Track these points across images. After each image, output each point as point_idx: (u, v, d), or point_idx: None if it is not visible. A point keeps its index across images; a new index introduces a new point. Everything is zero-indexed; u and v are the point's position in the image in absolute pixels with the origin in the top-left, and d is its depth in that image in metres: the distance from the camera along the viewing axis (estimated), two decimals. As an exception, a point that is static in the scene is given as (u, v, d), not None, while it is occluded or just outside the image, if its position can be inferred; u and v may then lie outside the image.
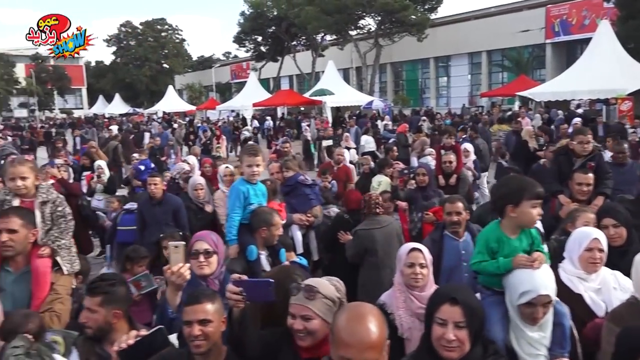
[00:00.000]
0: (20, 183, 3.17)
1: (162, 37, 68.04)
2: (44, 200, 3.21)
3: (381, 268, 4.84)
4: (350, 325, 1.73)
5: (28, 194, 3.21)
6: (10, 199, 3.21)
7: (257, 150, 4.01)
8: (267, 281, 2.25)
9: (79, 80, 72.06)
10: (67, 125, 42.23)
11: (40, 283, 3.00)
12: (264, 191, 4.06)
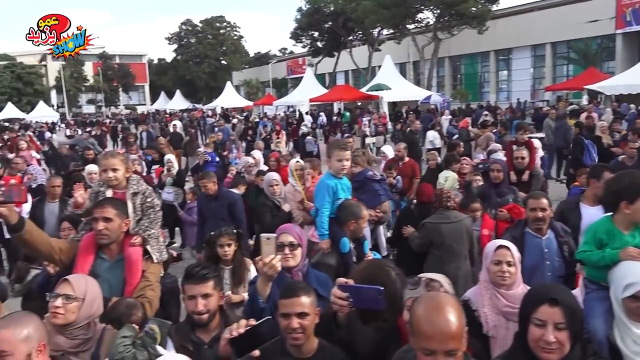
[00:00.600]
0: (112, 175, 3.31)
1: (221, 34, 69.52)
2: (135, 191, 3.33)
3: (446, 262, 4.81)
4: (430, 316, 1.73)
5: (119, 185, 3.34)
6: (104, 190, 3.36)
7: (347, 145, 4.04)
8: (377, 289, 2.17)
9: (142, 78, 74.91)
10: (130, 121, 44.00)
11: (133, 270, 3.12)
12: (348, 185, 4.08)
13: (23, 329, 1.98)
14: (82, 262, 3.07)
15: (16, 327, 1.98)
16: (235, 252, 4.31)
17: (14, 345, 1.94)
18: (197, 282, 2.56)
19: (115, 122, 38.61)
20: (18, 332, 1.97)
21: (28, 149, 10.28)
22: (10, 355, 1.93)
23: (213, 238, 4.29)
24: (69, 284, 2.58)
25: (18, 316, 2.08)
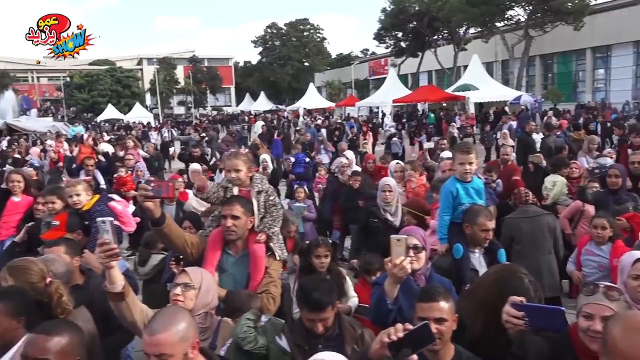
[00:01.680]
0: (235, 175, 3.43)
1: (305, 36, 70.74)
2: (260, 190, 3.45)
3: (526, 257, 4.89)
4: (630, 337, 1.67)
5: (243, 184, 3.47)
6: (232, 187, 3.50)
7: (470, 148, 3.93)
8: (559, 310, 2.07)
9: (228, 80, 77.79)
10: (217, 122, 45.78)
11: (257, 266, 3.23)
12: (479, 188, 3.96)
13: (178, 328, 2.01)
14: (211, 257, 3.22)
15: (172, 327, 2.00)
16: (331, 264, 4.16)
17: (173, 348, 1.97)
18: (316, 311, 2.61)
19: (207, 123, 40.31)
20: (175, 333, 1.99)
21: (135, 148, 10.97)
22: (171, 357, 1.97)
23: (310, 248, 4.17)
24: (186, 274, 2.74)
25: (171, 314, 2.10)
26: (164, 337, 1.97)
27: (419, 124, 26.99)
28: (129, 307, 2.46)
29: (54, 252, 3.26)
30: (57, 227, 4.00)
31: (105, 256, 2.30)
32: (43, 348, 2.02)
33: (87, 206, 4.62)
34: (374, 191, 8.21)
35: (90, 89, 62.88)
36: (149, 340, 1.98)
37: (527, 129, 12.58)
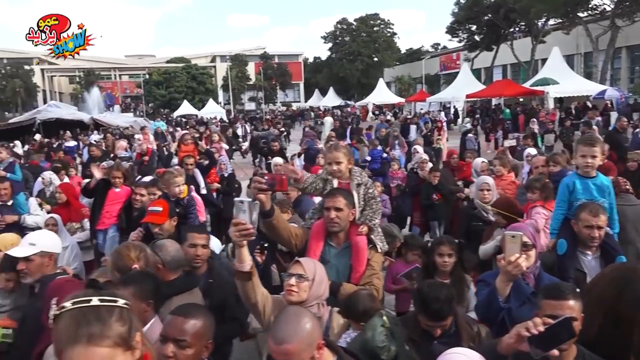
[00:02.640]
0: (336, 167, 3.47)
1: (375, 31, 70.24)
2: (359, 182, 3.48)
3: (626, 243, 4.62)
4: None
5: (343, 176, 3.51)
6: (331, 179, 3.56)
7: (594, 140, 3.76)
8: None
9: (297, 76, 78.68)
10: (287, 117, 46.38)
11: (360, 258, 3.26)
12: (602, 185, 3.78)
13: (304, 334, 2.00)
14: (314, 248, 3.28)
15: (299, 335, 1.99)
16: (455, 265, 3.89)
17: (301, 355, 1.98)
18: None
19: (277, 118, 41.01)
20: (301, 341, 1.98)
21: (219, 141, 11.35)
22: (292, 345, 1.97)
23: (432, 246, 4.00)
24: (300, 265, 2.77)
25: (295, 319, 2.07)
26: (291, 347, 1.96)
27: (494, 119, 26.13)
28: (253, 287, 2.54)
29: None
30: (160, 212, 4.21)
31: (239, 235, 2.37)
32: (181, 329, 2.14)
33: (183, 194, 4.91)
34: (453, 187, 8.11)
35: (167, 85, 65.64)
36: (276, 349, 1.99)
37: (617, 126, 11.86)
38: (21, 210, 6.20)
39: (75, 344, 1.27)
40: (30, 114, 32.14)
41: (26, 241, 3.51)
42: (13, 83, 64.85)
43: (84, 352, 1.26)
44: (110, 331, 1.30)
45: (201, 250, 3.51)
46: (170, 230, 4.21)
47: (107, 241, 5.90)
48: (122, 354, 1.31)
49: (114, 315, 1.33)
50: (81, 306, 1.34)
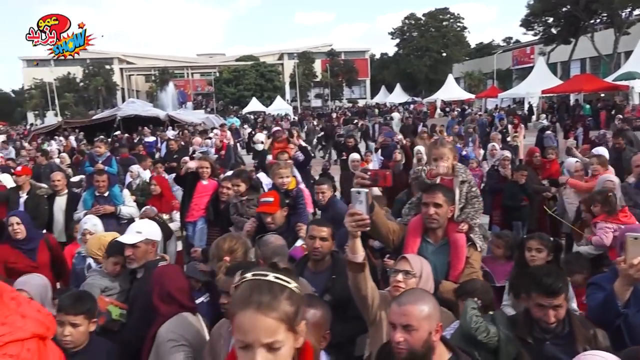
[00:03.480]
0: (442, 164, 3.43)
1: (444, 26, 68.73)
2: (463, 179, 3.42)
3: None
4: None
5: (447, 173, 3.45)
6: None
7: None
8: None
9: (364, 73, 78.41)
10: (354, 113, 46.30)
11: (459, 256, 3.21)
12: None
13: (425, 306, 2.08)
14: (412, 244, 3.25)
15: (421, 304, 2.08)
16: (547, 263, 3.71)
17: (420, 322, 2.04)
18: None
19: (342, 115, 41.06)
20: (423, 309, 2.06)
21: (297, 137, 11.48)
22: (415, 331, 2.03)
23: (523, 240, 3.96)
24: (407, 261, 2.76)
25: (420, 292, 2.21)
26: (412, 309, 2.04)
27: (574, 116, 24.88)
28: (365, 279, 2.56)
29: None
30: (271, 202, 4.35)
31: (355, 225, 2.38)
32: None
33: (291, 186, 5.01)
34: (539, 186, 7.78)
35: (236, 83, 67.38)
36: (397, 309, 2.07)
37: None
38: (116, 201, 6.56)
39: (246, 308, 1.36)
40: (111, 111, 33.97)
41: (133, 229, 3.73)
42: (95, 82, 68.88)
43: (252, 317, 1.34)
44: (279, 305, 1.37)
45: (320, 242, 3.47)
46: (281, 221, 4.34)
47: (196, 233, 6.14)
48: (286, 332, 1.36)
49: (285, 294, 1.40)
50: (258, 278, 1.43)
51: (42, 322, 1.78)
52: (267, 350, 1.33)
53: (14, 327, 1.67)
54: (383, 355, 2.21)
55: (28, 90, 71.23)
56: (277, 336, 1.34)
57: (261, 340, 1.33)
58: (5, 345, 1.64)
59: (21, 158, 14.00)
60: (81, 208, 6.48)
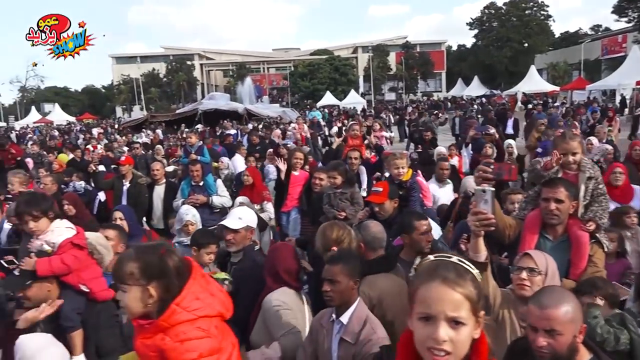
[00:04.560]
0: (571, 158, 3.28)
1: (526, 15, 65.66)
2: (590, 175, 3.23)
3: None
4: None
5: (571, 167, 3.29)
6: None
7: None
8: None
9: (440, 65, 76.61)
10: (430, 107, 45.36)
11: (580, 253, 3.04)
12: None
13: (569, 308, 1.97)
14: (529, 240, 3.11)
15: (564, 305, 1.97)
16: None
17: (565, 326, 1.94)
18: None
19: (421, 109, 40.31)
20: (567, 312, 1.96)
21: (380, 130, 11.46)
22: (560, 335, 1.93)
23: None
24: (530, 258, 2.64)
25: (559, 292, 2.09)
26: (556, 312, 1.95)
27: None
28: (487, 279, 2.49)
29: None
30: (380, 192, 4.41)
31: (479, 224, 2.32)
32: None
33: (405, 177, 4.99)
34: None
35: (311, 77, 68.03)
36: (540, 313, 1.98)
37: None
38: (210, 190, 6.79)
39: (432, 280, 1.35)
40: (193, 105, 35.33)
41: (235, 215, 3.92)
42: (178, 77, 72.08)
43: (438, 288, 1.33)
44: (465, 282, 1.34)
45: None
46: (390, 211, 4.35)
47: (290, 223, 6.24)
48: (468, 312, 1.33)
49: (469, 275, 1.38)
50: (442, 259, 1.42)
51: (224, 302, 1.88)
52: (450, 325, 1.31)
53: (205, 304, 1.78)
54: (516, 351, 2.12)
55: (117, 85, 75.70)
56: (461, 312, 1.31)
57: (446, 312, 1.31)
58: (199, 319, 1.75)
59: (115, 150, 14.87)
60: (179, 197, 6.78)
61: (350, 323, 2.75)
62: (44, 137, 26.89)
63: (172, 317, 1.75)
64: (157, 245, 1.89)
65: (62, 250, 2.98)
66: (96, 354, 3.02)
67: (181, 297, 1.78)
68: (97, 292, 3.08)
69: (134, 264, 1.81)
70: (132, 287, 1.80)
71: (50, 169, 9.53)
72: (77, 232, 3.10)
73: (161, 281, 1.79)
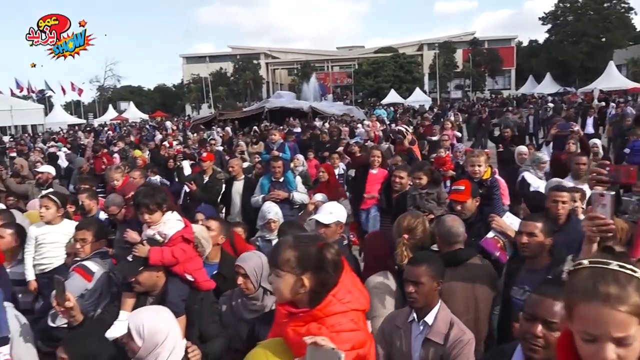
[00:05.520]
0: None
1: (605, 8, 62.24)
2: None
3: None
4: None
5: None
6: None
7: None
8: None
9: (509, 62, 74.02)
10: (500, 104, 43.95)
11: None
12: None
13: None
14: None
15: None
16: None
17: None
18: None
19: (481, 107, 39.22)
20: None
21: (452, 128, 11.28)
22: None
23: None
24: None
25: None
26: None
27: None
28: None
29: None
30: (462, 191, 4.32)
31: (596, 230, 2.24)
32: (554, 311, 2.09)
33: (485, 175, 4.91)
34: None
35: (375, 75, 67.70)
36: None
37: None
38: (290, 187, 6.91)
39: (591, 300, 1.27)
40: (260, 104, 36.11)
41: (326, 210, 4.05)
42: (245, 76, 73.83)
43: (599, 311, 1.25)
44: (628, 297, 1.25)
45: (527, 238, 3.33)
46: (472, 210, 4.28)
47: (369, 220, 6.26)
48: (638, 326, 1.25)
49: (633, 284, 1.28)
50: (599, 266, 1.33)
51: (367, 297, 1.93)
52: (617, 345, 1.24)
53: (354, 297, 1.82)
54: None
55: (187, 84, 78.53)
56: (629, 331, 1.24)
57: (610, 334, 1.24)
58: (350, 311, 1.79)
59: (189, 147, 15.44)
60: (258, 192, 6.95)
61: (435, 324, 2.79)
62: (123, 133, 28.34)
63: (327, 308, 1.78)
64: (316, 237, 1.93)
65: (173, 242, 3.14)
66: (199, 339, 3.16)
67: (337, 288, 1.81)
68: (200, 282, 3.23)
69: (292, 252, 1.84)
70: (286, 274, 1.84)
71: (134, 164, 10.04)
72: (186, 225, 3.26)
73: (316, 273, 1.82)
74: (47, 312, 3.54)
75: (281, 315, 1.91)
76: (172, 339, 2.41)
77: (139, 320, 2.39)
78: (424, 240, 3.57)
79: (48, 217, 4.53)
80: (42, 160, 12.72)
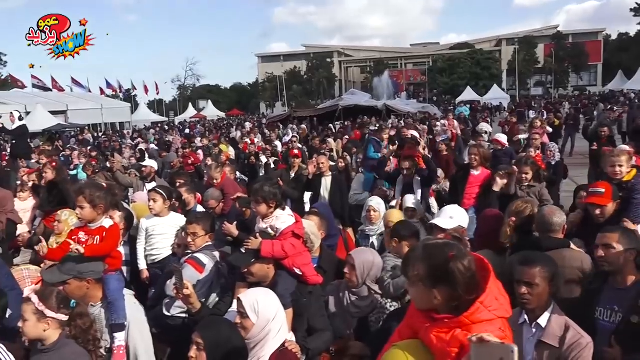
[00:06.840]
0: None
1: None
2: None
3: None
4: None
5: None
6: None
7: None
8: None
9: (595, 56, 69.86)
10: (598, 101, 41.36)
11: None
12: None
13: None
14: None
15: None
16: None
17: None
18: None
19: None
20: None
21: (542, 126, 10.80)
22: None
23: None
24: None
25: None
26: None
27: None
28: None
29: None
30: (602, 194, 4.03)
31: None
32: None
33: (627, 177, 4.62)
34: None
35: (450, 72, 66.15)
36: None
37: None
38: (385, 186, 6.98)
39: None
40: (334, 102, 36.30)
41: (447, 214, 4.02)
42: (318, 74, 74.57)
43: None
44: None
45: (602, 250, 3.13)
46: (610, 214, 4.02)
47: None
48: None
49: None
50: None
51: (510, 304, 1.88)
52: None
53: (500, 304, 1.80)
54: None
55: (262, 83, 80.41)
56: None
57: None
58: (497, 319, 1.77)
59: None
60: (359, 189, 7.25)
61: (549, 326, 2.70)
62: (205, 130, 29.46)
63: (474, 315, 1.73)
64: (446, 246, 1.80)
65: (284, 237, 3.24)
66: (307, 332, 3.23)
67: (485, 295, 1.75)
68: (308, 276, 3.31)
69: (421, 265, 1.79)
70: (418, 286, 1.80)
71: (218, 160, 10.39)
72: (297, 221, 3.35)
73: (446, 287, 1.75)
74: (158, 300, 3.77)
75: (420, 318, 1.85)
76: (280, 318, 2.56)
77: (253, 298, 2.55)
78: (527, 223, 3.75)
79: (157, 209, 4.77)
80: (134, 156, 13.47)
